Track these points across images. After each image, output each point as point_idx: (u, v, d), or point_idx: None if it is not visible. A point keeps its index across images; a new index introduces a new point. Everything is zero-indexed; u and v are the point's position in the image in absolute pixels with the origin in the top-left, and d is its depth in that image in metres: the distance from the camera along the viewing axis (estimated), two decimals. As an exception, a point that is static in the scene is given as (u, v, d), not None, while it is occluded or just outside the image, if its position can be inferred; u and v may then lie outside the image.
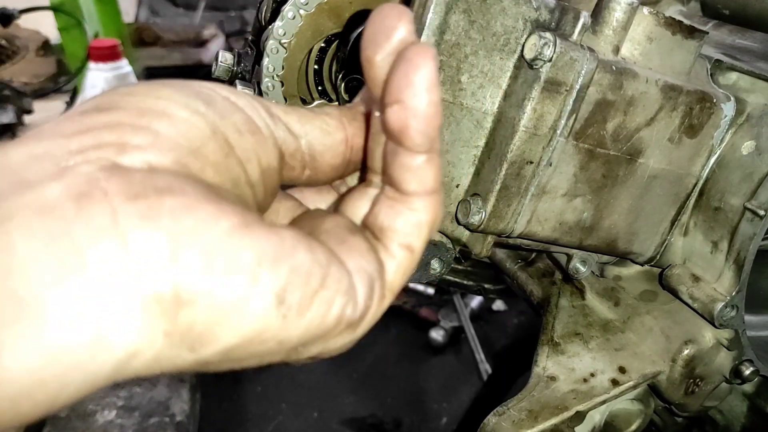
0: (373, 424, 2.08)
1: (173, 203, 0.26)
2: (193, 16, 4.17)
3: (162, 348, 0.27)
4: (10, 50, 2.64)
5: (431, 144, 0.33)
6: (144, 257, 0.25)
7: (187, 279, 0.26)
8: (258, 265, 0.28)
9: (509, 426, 0.66)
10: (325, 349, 0.33)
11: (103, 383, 0.27)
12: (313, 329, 0.30)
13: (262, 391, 2.15)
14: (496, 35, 0.58)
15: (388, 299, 0.35)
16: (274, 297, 0.28)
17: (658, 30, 0.60)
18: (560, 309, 0.83)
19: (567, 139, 0.60)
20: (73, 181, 0.25)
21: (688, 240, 0.72)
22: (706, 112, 0.64)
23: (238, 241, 0.27)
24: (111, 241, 0.25)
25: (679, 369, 0.73)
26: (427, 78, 0.31)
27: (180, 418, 1.57)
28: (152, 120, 0.29)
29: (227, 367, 0.31)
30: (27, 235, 0.24)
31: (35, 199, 0.25)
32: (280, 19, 0.58)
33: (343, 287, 0.31)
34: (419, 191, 0.34)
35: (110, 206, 0.25)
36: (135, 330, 0.26)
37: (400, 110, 0.31)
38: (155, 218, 0.26)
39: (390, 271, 0.35)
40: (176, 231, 0.26)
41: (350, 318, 0.32)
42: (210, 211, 0.27)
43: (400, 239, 0.35)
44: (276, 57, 0.60)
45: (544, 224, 0.64)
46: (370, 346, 2.38)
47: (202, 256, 0.26)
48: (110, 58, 2.22)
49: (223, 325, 0.27)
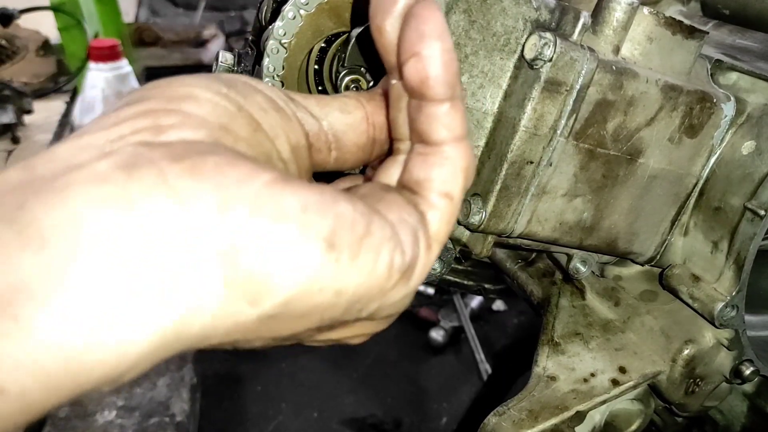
0: (373, 424, 2.08)
1: (216, 160, 0.28)
2: (193, 16, 4.18)
3: (224, 301, 0.27)
4: (10, 50, 2.64)
5: (453, 90, 0.34)
6: (194, 207, 0.26)
7: (238, 226, 0.27)
8: (303, 212, 0.28)
9: (509, 426, 0.66)
10: (385, 304, 0.33)
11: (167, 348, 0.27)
12: (367, 277, 0.30)
13: (262, 391, 2.15)
14: (497, 35, 0.58)
15: (436, 250, 0.35)
16: (324, 241, 0.29)
17: (658, 30, 0.60)
18: (560, 309, 0.83)
19: (567, 139, 0.60)
20: (119, 158, 0.27)
21: (689, 240, 0.72)
22: (706, 112, 0.64)
23: (280, 190, 0.28)
24: (162, 195, 0.26)
25: (680, 369, 0.73)
26: (437, 27, 0.32)
27: (180, 418, 1.57)
28: (180, 103, 0.30)
29: (293, 329, 0.31)
30: (86, 198, 0.25)
31: (88, 173, 0.26)
32: (280, 19, 0.58)
33: (387, 234, 0.31)
34: (448, 138, 0.35)
35: (157, 168, 0.26)
36: (196, 278, 0.26)
37: (417, 62, 0.32)
38: (201, 172, 0.27)
39: (433, 221, 0.35)
40: (222, 181, 0.27)
41: (400, 265, 0.32)
42: (250, 167, 0.28)
43: (438, 188, 0.35)
44: (276, 57, 0.60)
45: (544, 224, 0.64)
46: (370, 346, 2.38)
47: (249, 204, 0.27)
48: (110, 58, 2.22)
49: (279, 273, 0.28)
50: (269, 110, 0.34)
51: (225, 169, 0.27)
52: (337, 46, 0.63)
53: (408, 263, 0.32)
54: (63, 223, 0.24)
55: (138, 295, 0.25)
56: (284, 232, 0.28)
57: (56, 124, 2.32)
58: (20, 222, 0.24)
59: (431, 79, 0.33)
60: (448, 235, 0.36)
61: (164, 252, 0.25)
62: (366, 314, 0.33)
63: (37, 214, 0.24)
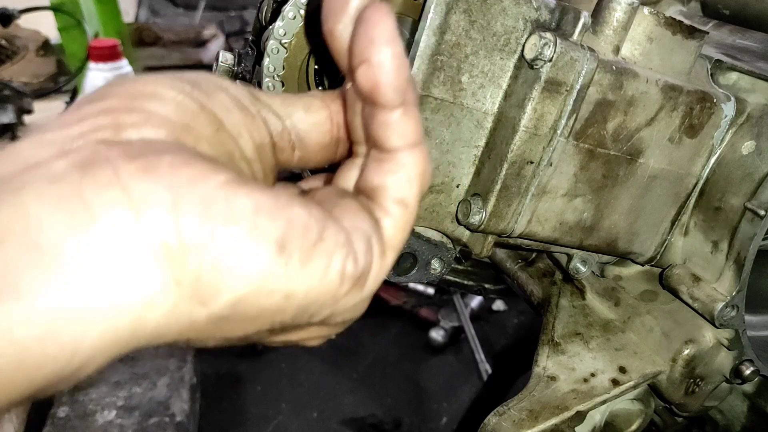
0: (373, 424, 2.08)
1: (171, 159, 0.28)
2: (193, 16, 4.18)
3: (175, 300, 0.27)
4: (10, 50, 2.64)
5: (404, 96, 0.33)
6: (147, 206, 0.26)
7: (189, 226, 0.27)
8: (255, 214, 0.29)
9: (510, 426, 0.66)
10: (338, 311, 0.33)
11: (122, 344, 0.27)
12: (318, 282, 0.31)
13: (262, 391, 2.15)
14: (497, 35, 0.58)
15: (390, 256, 0.35)
16: (275, 244, 0.29)
17: (658, 30, 0.60)
18: (560, 309, 0.83)
19: (567, 139, 0.60)
20: (77, 156, 0.27)
21: (689, 240, 0.72)
22: (706, 112, 0.64)
23: (233, 192, 0.28)
24: (115, 194, 0.26)
25: (680, 369, 0.73)
26: (387, 32, 0.32)
27: (180, 418, 1.57)
28: (143, 101, 0.31)
29: (244, 330, 0.31)
30: (38, 198, 0.25)
31: (44, 173, 0.26)
32: (280, 19, 0.58)
33: (340, 241, 0.31)
34: (402, 145, 0.35)
35: (112, 166, 0.27)
36: (147, 275, 0.27)
37: (367, 69, 0.32)
38: (154, 171, 0.27)
39: (387, 227, 0.35)
40: (175, 181, 0.27)
41: (352, 273, 0.32)
42: (206, 167, 0.28)
43: (393, 195, 0.35)
44: (276, 57, 0.60)
45: (544, 224, 0.64)
46: (370, 346, 2.38)
47: (200, 204, 0.27)
48: (110, 58, 2.22)
49: (229, 274, 0.28)
50: (233, 109, 0.34)
51: (179, 169, 0.28)
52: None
53: (361, 271, 0.32)
54: (15, 224, 0.25)
55: (90, 294, 0.25)
56: (234, 233, 0.28)
57: (56, 124, 2.32)
58: None
59: (381, 85, 0.32)
60: (403, 242, 0.36)
61: (115, 252, 0.26)
62: (318, 320, 0.33)
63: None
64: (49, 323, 0.25)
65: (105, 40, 2.32)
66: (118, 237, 0.26)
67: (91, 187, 0.26)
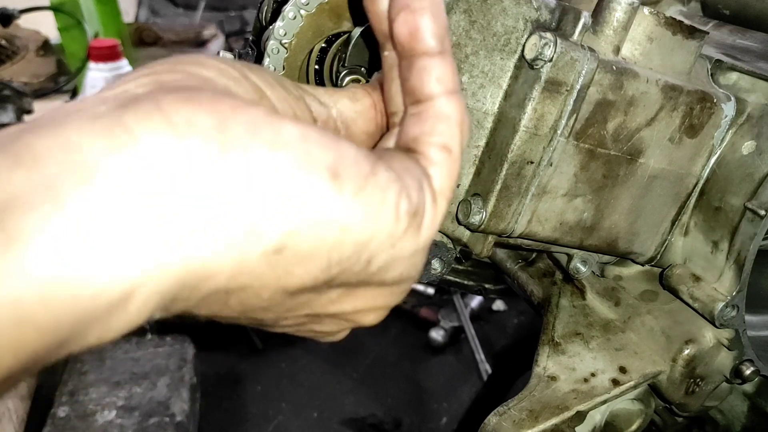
0: (373, 424, 2.08)
1: (211, 93, 0.27)
2: (193, 16, 4.18)
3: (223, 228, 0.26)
4: (10, 50, 2.64)
5: (442, 43, 0.34)
6: (189, 129, 0.26)
7: (235, 149, 0.26)
8: (304, 141, 0.28)
9: (510, 426, 0.66)
10: (395, 258, 0.32)
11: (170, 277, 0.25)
12: (374, 216, 0.29)
13: (262, 391, 2.15)
14: (497, 35, 0.58)
15: (441, 204, 0.34)
16: (327, 171, 0.28)
17: (658, 30, 0.60)
18: (561, 309, 0.83)
19: (567, 139, 0.60)
20: (118, 100, 0.27)
21: (689, 240, 0.72)
22: (706, 112, 0.64)
23: (279, 120, 0.28)
24: (157, 119, 0.25)
25: (680, 369, 0.73)
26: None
27: (180, 418, 1.57)
28: (185, 65, 0.31)
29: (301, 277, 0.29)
30: (79, 128, 0.25)
31: (86, 113, 0.26)
32: (280, 19, 0.58)
33: (392, 177, 0.31)
34: (441, 91, 0.35)
35: (153, 99, 0.26)
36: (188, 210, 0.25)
37: (407, 15, 0.33)
38: (196, 100, 0.27)
39: (435, 176, 0.34)
40: (217, 108, 0.27)
41: (407, 209, 0.31)
42: (246, 101, 0.28)
43: (436, 141, 0.35)
44: (277, 57, 0.60)
45: (544, 224, 0.64)
46: (370, 346, 2.38)
47: (246, 129, 0.27)
48: (110, 58, 2.22)
49: (281, 202, 0.27)
50: (276, 87, 0.34)
51: (221, 99, 0.27)
52: (338, 46, 0.63)
53: (415, 208, 0.32)
54: (55, 147, 0.24)
55: (131, 211, 0.24)
56: (284, 159, 0.27)
57: (56, 124, 2.32)
58: (13, 148, 0.24)
59: (420, 30, 0.33)
60: (452, 191, 0.36)
61: (157, 171, 0.25)
62: (375, 268, 0.32)
63: (30, 141, 0.24)
64: (89, 234, 0.23)
65: (105, 40, 2.32)
66: (160, 156, 0.25)
67: (132, 116, 0.25)
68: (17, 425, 1.39)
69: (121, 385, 1.64)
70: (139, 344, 1.76)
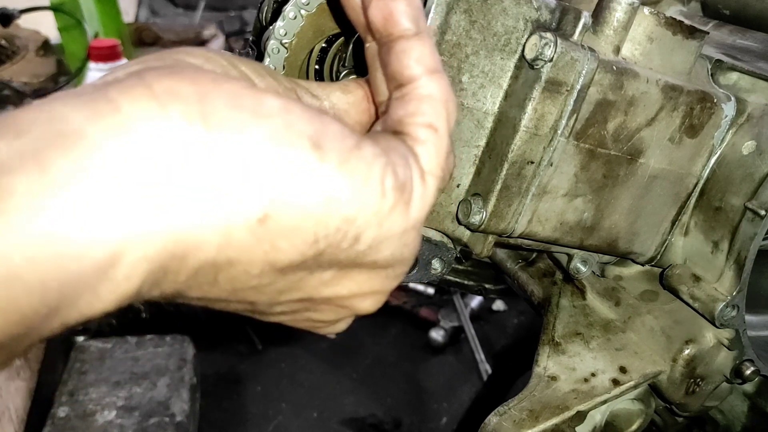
0: (373, 424, 2.08)
1: (193, 70, 0.28)
2: (193, 16, 4.18)
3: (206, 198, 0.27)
4: (10, 50, 2.64)
5: (417, 24, 0.34)
6: (172, 97, 0.26)
7: (217, 117, 0.26)
8: (286, 112, 0.28)
9: (510, 426, 0.66)
10: (384, 236, 0.32)
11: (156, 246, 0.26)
12: (359, 188, 0.29)
13: (262, 391, 2.15)
14: (497, 35, 0.58)
15: (431, 183, 0.34)
16: (308, 140, 0.28)
17: (658, 30, 0.60)
18: (561, 309, 0.83)
19: (568, 139, 0.60)
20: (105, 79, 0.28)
21: (689, 240, 0.72)
22: (706, 112, 0.64)
23: (261, 93, 0.28)
24: (140, 90, 0.26)
25: (680, 369, 0.73)
26: None
27: (180, 418, 1.57)
28: (174, 55, 0.32)
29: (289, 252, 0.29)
30: (64, 101, 0.26)
31: (73, 92, 0.27)
32: (281, 19, 0.58)
33: (377, 152, 0.31)
34: (421, 72, 0.34)
35: (138, 75, 0.27)
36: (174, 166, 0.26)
37: (379, 1, 0.33)
38: (179, 73, 0.27)
39: (422, 155, 0.34)
40: (200, 81, 0.27)
41: (393, 184, 0.31)
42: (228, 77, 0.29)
43: (420, 120, 0.35)
44: (277, 57, 0.60)
45: (544, 224, 0.64)
46: (370, 346, 2.38)
47: (228, 98, 0.27)
48: (110, 58, 2.22)
49: (263, 171, 0.27)
50: (266, 76, 0.34)
51: (203, 74, 0.28)
52: (338, 46, 0.63)
53: (402, 183, 0.31)
54: (40, 118, 0.25)
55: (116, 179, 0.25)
56: (265, 128, 0.27)
57: (56, 124, 2.32)
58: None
59: (394, 14, 0.33)
60: (442, 169, 0.35)
61: (140, 139, 0.25)
62: (364, 246, 0.32)
63: (16, 115, 0.25)
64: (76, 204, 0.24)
65: (105, 40, 2.32)
66: (142, 123, 0.25)
67: (115, 89, 0.26)
68: (17, 425, 1.39)
69: (121, 385, 1.64)
70: (139, 344, 1.77)
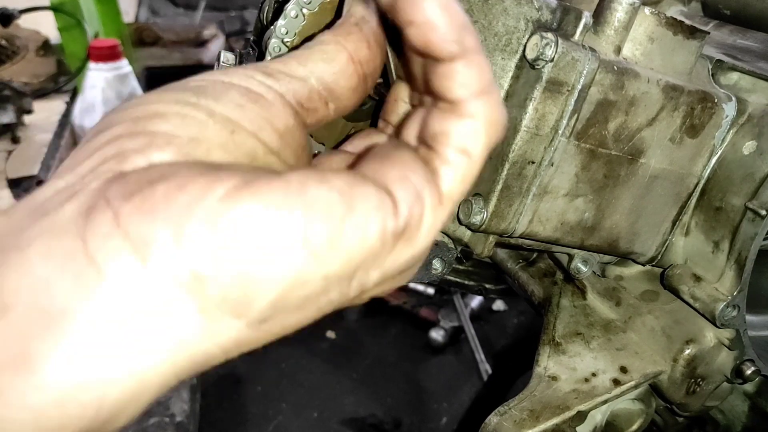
0: (373, 424, 2.08)
1: (165, 188, 0.27)
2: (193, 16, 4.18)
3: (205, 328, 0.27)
4: (10, 50, 2.64)
5: (462, 45, 0.31)
6: (150, 247, 0.26)
7: (198, 252, 0.26)
8: (267, 215, 0.27)
9: (511, 426, 0.66)
10: (389, 270, 0.31)
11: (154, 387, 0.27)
12: (357, 254, 0.29)
13: (262, 391, 2.15)
14: (498, 35, 0.58)
15: (448, 207, 0.33)
16: (298, 240, 0.27)
17: (659, 30, 0.60)
18: (561, 309, 0.83)
19: (569, 139, 0.60)
20: (83, 199, 0.27)
21: (690, 240, 0.72)
22: (707, 112, 0.65)
23: (238, 199, 0.27)
24: (118, 242, 0.26)
25: (681, 369, 0.73)
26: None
27: (180, 418, 1.57)
28: (146, 123, 0.30)
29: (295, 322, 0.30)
30: (44, 256, 0.25)
31: (50, 224, 0.26)
32: (282, 17, 0.58)
33: (373, 203, 0.29)
34: (467, 95, 0.32)
35: (112, 211, 0.26)
36: (165, 317, 0.26)
37: (416, 29, 0.31)
38: (150, 208, 0.26)
39: (446, 177, 0.33)
40: (172, 211, 0.26)
41: (394, 229, 0.30)
42: (203, 183, 0.27)
43: (455, 143, 0.33)
44: (278, 56, 0.60)
45: (545, 224, 0.64)
46: (370, 346, 2.38)
47: (203, 226, 0.26)
48: (110, 58, 2.22)
49: (256, 284, 0.27)
50: (246, 105, 0.32)
51: (175, 196, 0.26)
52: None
53: (403, 225, 0.30)
54: (22, 289, 0.25)
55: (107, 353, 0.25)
56: (250, 244, 0.26)
57: (56, 124, 2.32)
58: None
59: (433, 43, 0.31)
60: (463, 195, 0.34)
61: (127, 306, 0.25)
62: (372, 284, 0.31)
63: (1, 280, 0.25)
64: (65, 390, 0.24)
65: (105, 40, 2.32)
66: (128, 288, 0.25)
67: (94, 239, 0.26)
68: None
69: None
70: (139, 344, 1.76)
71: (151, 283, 0.26)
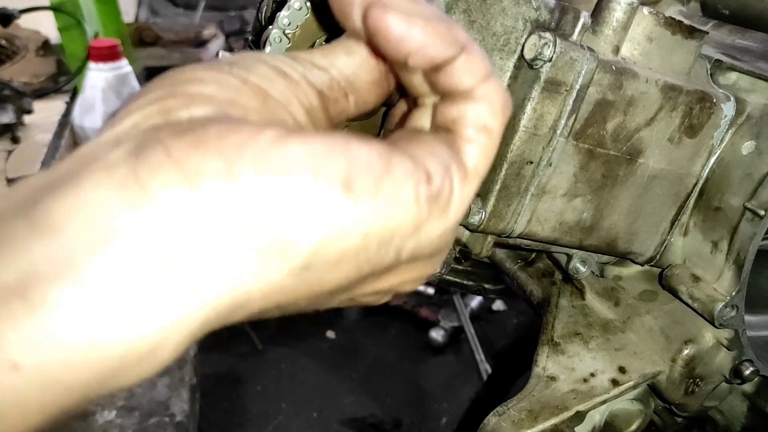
0: (373, 424, 2.08)
1: (217, 129, 0.28)
2: (193, 16, 4.18)
3: (249, 263, 0.27)
4: (10, 50, 2.64)
5: (458, 44, 0.33)
6: (201, 176, 0.26)
7: (248, 184, 0.27)
8: (313, 159, 0.28)
9: (509, 426, 0.66)
10: (423, 242, 0.32)
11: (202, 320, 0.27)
12: (393, 213, 0.30)
13: (262, 391, 2.15)
14: (496, 35, 0.58)
15: (474, 182, 0.35)
16: (340, 185, 0.28)
17: (658, 30, 0.60)
18: (560, 309, 0.83)
19: (567, 139, 0.60)
20: (130, 144, 0.28)
21: (688, 240, 0.72)
22: (705, 112, 0.64)
23: (286, 143, 0.28)
24: (169, 171, 0.26)
25: (679, 369, 0.73)
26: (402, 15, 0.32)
27: (180, 418, 1.57)
28: (185, 86, 0.31)
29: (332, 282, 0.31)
30: (96, 185, 0.26)
31: (100, 163, 0.27)
32: (285, 8, 0.58)
33: (408, 169, 0.31)
34: (475, 82, 0.34)
35: (163, 146, 0.27)
36: (213, 247, 0.26)
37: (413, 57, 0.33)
38: (203, 143, 0.27)
39: (470, 153, 0.35)
40: (225, 147, 0.27)
41: (427, 196, 0.31)
42: (254, 128, 0.28)
43: (473, 123, 0.35)
44: (279, 46, 0.60)
45: (544, 224, 0.64)
46: (370, 346, 2.38)
47: (254, 164, 0.27)
48: (110, 58, 2.22)
49: (300, 224, 0.28)
50: (275, 78, 0.34)
51: (227, 135, 0.28)
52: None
53: (436, 192, 0.32)
54: (73, 211, 0.25)
55: (155, 274, 0.25)
56: (295, 182, 0.28)
57: (56, 124, 2.32)
58: (32, 214, 0.25)
59: (432, 58, 0.33)
60: (487, 169, 0.36)
61: (175, 227, 0.26)
62: (406, 255, 0.33)
63: (49, 206, 0.25)
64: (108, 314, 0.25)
65: (105, 40, 2.31)
66: (176, 212, 0.26)
67: (145, 169, 0.26)
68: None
69: (121, 385, 1.63)
70: (138, 344, 1.76)
71: (200, 211, 0.26)
